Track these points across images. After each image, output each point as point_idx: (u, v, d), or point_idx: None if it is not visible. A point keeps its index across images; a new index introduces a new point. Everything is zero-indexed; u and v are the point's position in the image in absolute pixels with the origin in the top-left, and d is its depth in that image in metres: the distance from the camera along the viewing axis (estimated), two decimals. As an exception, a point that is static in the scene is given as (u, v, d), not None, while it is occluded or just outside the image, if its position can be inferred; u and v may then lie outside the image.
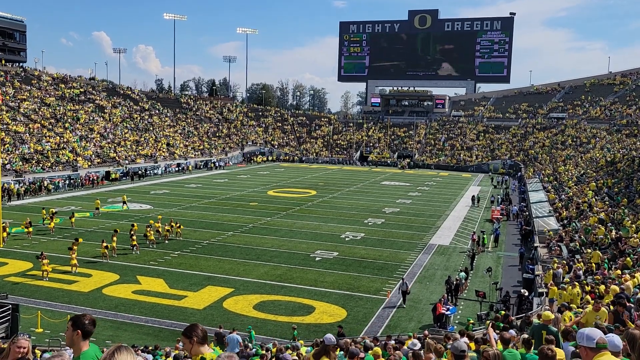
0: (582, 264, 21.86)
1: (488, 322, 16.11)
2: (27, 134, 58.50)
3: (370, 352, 10.75)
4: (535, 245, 29.23)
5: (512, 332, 10.30)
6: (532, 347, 7.90)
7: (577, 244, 26.06)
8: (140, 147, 70.10)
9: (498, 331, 10.71)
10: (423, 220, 40.18)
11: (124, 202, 41.82)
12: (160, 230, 31.26)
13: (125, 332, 18.46)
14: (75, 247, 25.55)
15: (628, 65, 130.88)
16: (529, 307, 19.75)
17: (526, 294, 21.07)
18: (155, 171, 66.00)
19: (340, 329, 17.62)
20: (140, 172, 62.06)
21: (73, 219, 34.57)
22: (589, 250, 23.34)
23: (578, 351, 4.81)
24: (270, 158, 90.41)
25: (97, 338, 17.40)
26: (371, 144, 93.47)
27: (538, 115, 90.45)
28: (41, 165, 53.82)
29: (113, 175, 58.81)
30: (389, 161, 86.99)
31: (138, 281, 23.85)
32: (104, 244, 27.06)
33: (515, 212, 43.29)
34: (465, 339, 9.96)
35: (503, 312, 17.75)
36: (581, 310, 12.79)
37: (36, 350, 13.84)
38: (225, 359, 3.59)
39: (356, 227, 36.44)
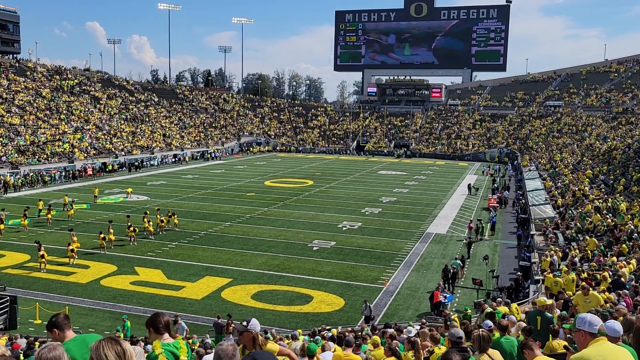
0: (577, 251, 21.97)
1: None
2: (22, 126, 58.26)
3: (369, 340, 10.84)
4: (532, 233, 29.35)
5: (513, 317, 10.33)
6: (532, 334, 7.98)
7: (574, 231, 26.17)
8: (136, 139, 69.92)
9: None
10: (420, 209, 40.28)
11: (128, 194, 42.81)
12: (158, 222, 31.22)
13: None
14: (74, 239, 25.57)
15: (624, 53, 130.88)
16: (525, 294, 19.89)
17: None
18: (152, 162, 65.87)
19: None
20: (137, 163, 61.98)
21: (71, 212, 34.54)
22: (588, 238, 23.43)
23: (572, 335, 4.85)
24: (267, 148, 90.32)
25: (95, 329, 17.48)
26: (368, 134, 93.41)
27: (534, 103, 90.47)
28: (37, 157, 53.65)
29: (109, 167, 58.69)
30: (385, 150, 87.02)
31: (136, 272, 23.90)
32: (102, 235, 27.09)
33: (506, 196, 43.75)
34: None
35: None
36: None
37: (36, 342, 13.90)
38: (229, 347, 3.59)
39: (353, 217, 36.51)
